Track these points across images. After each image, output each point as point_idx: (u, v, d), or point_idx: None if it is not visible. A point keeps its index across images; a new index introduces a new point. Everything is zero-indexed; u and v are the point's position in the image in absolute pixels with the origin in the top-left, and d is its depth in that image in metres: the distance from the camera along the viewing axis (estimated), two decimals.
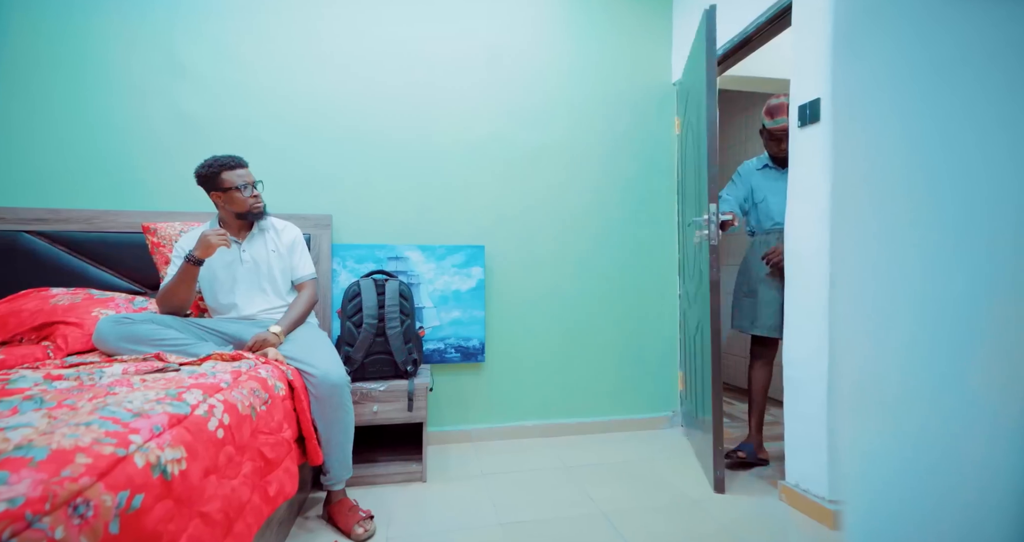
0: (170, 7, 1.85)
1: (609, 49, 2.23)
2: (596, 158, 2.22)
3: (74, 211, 1.73)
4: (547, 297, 2.16)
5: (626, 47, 2.25)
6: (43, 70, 1.77)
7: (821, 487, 1.37)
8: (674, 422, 2.24)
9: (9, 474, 0.57)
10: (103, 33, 1.81)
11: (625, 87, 2.24)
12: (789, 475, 1.48)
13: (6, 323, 1.39)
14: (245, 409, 1.03)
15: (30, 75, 1.76)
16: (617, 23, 2.24)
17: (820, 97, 1.37)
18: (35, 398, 0.88)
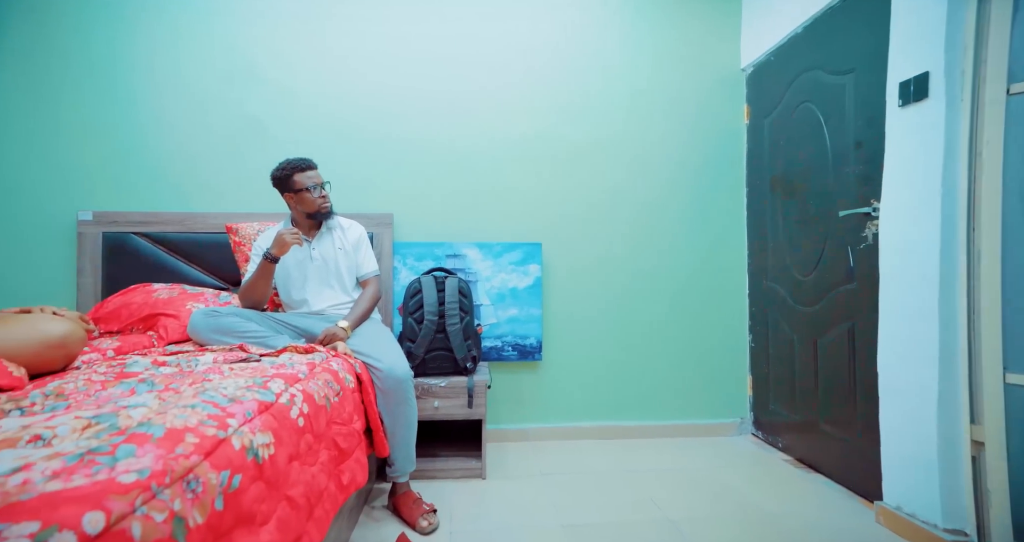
0: (241, 21, 1.98)
1: (669, 35, 2.12)
2: (657, 151, 2.13)
3: (170, 214, 1.91)
4: (606, 295, 2.10)
5: (688, 32, 2.13)
6: (142, 89, 1.95)
7: (932, 513, 1.21)
8: (742, 429, 2.11)
9: (136, 447, 0.62)
10: (185, 51, 1.97)
11: (687, 75, 2.13)
12: (888, 495, 1.33)
13: (119, 315, 1.56)
14: (321, 399, 1.08)
15: (135, 94, 1.95)
16: (678, 7, 2.13)
17: (929, 71, 1.22)
18: (147, 381, 0.97)
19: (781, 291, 1.89)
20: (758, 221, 2.06)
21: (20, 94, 1.90)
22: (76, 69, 1.93)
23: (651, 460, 1.82)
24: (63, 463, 0.58)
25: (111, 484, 0.53)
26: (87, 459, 0.59)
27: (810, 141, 1.72)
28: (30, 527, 0.44)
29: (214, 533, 0.64)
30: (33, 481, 0.54)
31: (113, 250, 1.86)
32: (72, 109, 1.92)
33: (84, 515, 0.47)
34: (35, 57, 1.91)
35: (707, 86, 2.14)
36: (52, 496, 0.49)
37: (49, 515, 0.46)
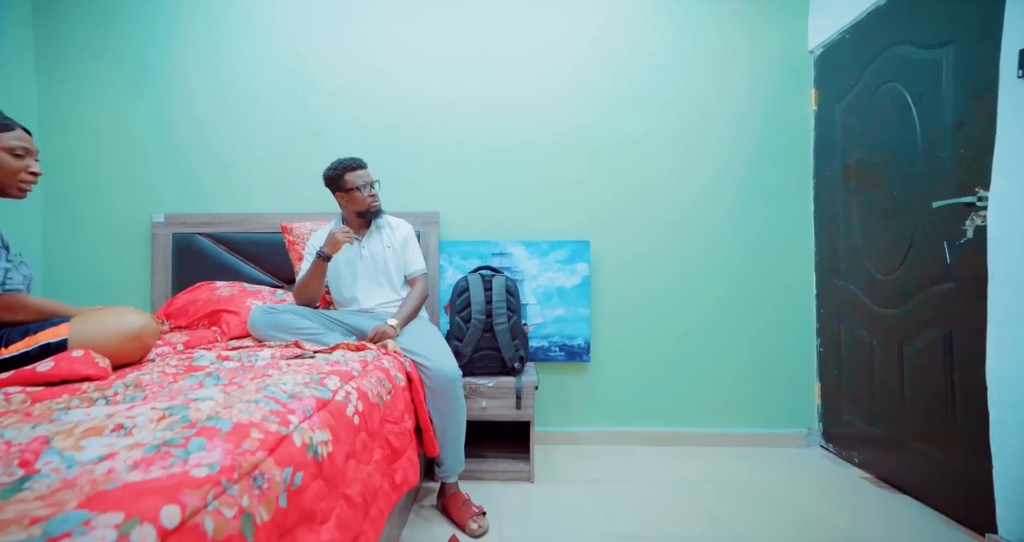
0: (296, 30, 2.04)
1: (726, 19, 2.00)
2: (712, 143, 2.01)
3: (230, 215, 2.00)
4: (658, 295, 2.00)
5: (747, 15, 2.00)
6: (207, 99, 2.06)
7: None
8: (810, 441, 1.95)
9: (206, 441, 0.62)
10: (249, 58, 2.06)
11: (745, 61, 2.00)
12: (1004, 527, 1.17)
13: (187, 311, 1.65)
14: (374, 397, 1.08)
15: (201, 103, 2.06)
16: None
17: None
18: (213, 374, 1.00)
19: (856, 291, 1.73)
20: (828, 215, 1.90)
21: (101, 107, 2.06)
22: (150, 82, 2.06)
23: (709, 470, 1.71)
24: (142, 454, 0.59)
25: (185, 477, 0.54)
26: (163, 451, 0.60)
27: (894, 125, 1.55)
28: (115, 518, 0.44)
29: (279, 530, 0.63)
30: (117, 470, 0.55)
31: (181, 250, 1.97)
32: (145, 119, 2.06)
33: (162, 508, 0.48)
34: (115, 75, 2.06)
35: (768, 72, 2.00)
36: (133, 487, 0.50)
37: (131, 507, 0.46)
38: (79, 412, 0.76)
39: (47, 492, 0.50)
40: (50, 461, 0.57)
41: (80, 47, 2.05)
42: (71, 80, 2.05)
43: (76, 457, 0.58)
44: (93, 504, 0.46)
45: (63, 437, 0.63)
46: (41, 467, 0.56)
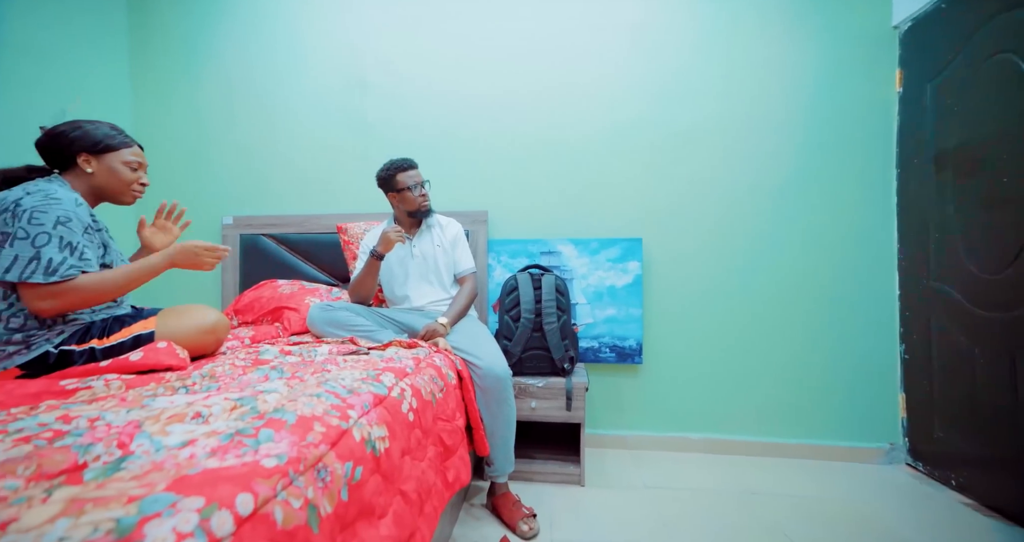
0: (355, 33, 2.12)
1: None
2: (775, 132, 1.87)
3: (291, 216, 2.11)
4: (716, 295, 1.89)
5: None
6: (272, 104, 2.19)
7: None
8: (893, 457, 1.76)
9: (274, 433, 0.65)
10: (308, 63, 2.15)
11: (816, 42, 1.84)
12: None
13: (252, 307, 1.75)
14: (427, 395, 1.09)
15: (266, 108, 2.19)
16: None
17: None
18: (277, 368, 1.05)
19: (953, 293, 1.54)
20: (915, 207, 1.70)
21: (183, 118, 2.24)
22: (223, 94, 2.21)
23: (775, 483, 1.59)
24: (218, 441, 0.62)
25: (256, 467, 0.55)
26: (236, 440, 0.62)
27: (1006, 102, 1.35)
28: (197, 503, 0.46)
29: (340, 523, 0.64)
30: (197, 456, 0.58)
31: (247, 250, 2.11)
32: (219, 128, 2.22)
33: (237, 496, 0.49)
34: (194, 88, 2.23)
35: (841, 53, 1.83)
36: (212, 473, 0.52)
37: (211, 492, 0.48)
38: (164, 399, 0.81)
39: (140, 473, 0.53)
40: (142, 444, 0.61)
41: (167, 65, 2.24)
42: (159, 94, 2.24)
43: (163, 441, 0.62)
44: (178, 487, 0.48)
45: (152, 422, 0.68)
46: (135, 449, 0.60)
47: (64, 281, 0.95)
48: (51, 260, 0.94)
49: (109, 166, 1.12)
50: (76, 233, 1.00)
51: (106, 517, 0.43)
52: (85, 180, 1.11)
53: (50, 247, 0.95)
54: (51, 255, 0.95)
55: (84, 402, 0.82)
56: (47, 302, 0.95)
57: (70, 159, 1.10)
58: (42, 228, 0.95)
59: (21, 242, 0.94)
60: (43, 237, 0.95)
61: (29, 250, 0.93)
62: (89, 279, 0.99)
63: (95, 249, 1.06)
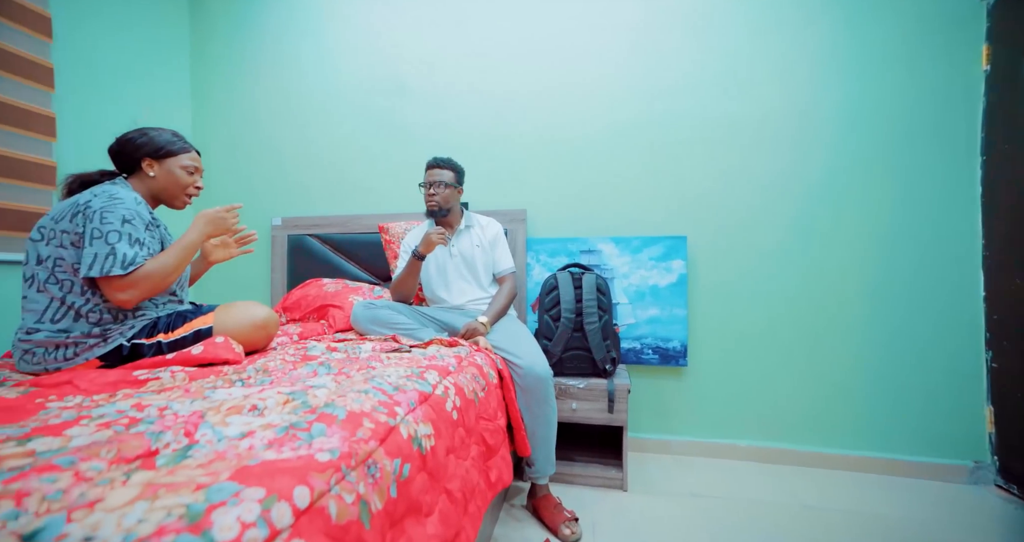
0: (393, 35, 2.16)
1: None
2: (837, 122, 1.74)
3: (334, 217, 2.18)
4: (768, 296, 1.79)
5: None
6: (317, 110, 2.27)
7: None
8: (979, 477, 1.59)
9: (326, 427, 0.66)
10: (350, 67, 2.22)
11: (884, 23, 1.70)
12: None
13: (299, 305, 1.82)
14: (470, 393, 1.08)
15: (311, 113, 2.28)
16: None
17: None
18: (325, 364, 1.08)
19: None
20: (1004, 198, 1.54)
21: (238, 123, 2.36)
22: (274, 100, 2.32)
23: (835, 499, 1.48)
24: (274, 434, 0.63)
25: (311, 461, 0.56)
26: (291, 433, 0.64)
27: None
28: (258, 493, 0.47)
29: (390, 519, 0.65)
30: (256, 448, 0.60)
31: (294, 250, 2.19)
32: (269, 133, 2.32)
33: (295, 488, 0.50)
34: (248, 95, 2.35)
35: (913, 31, 1.68)
36: (271, 465, 0.54)
37: (270, 484, 0.49)
38: (223, 391, 0.85)
39: (205, 461, 0.55)
40: (205, 433, 0.64)
41: (222, 76, 2.37)
42: (216, 103, 2.38)
43: (224, 432, 0.65)
44: (240, 477, 0.50)
45: (213, 413, 0.71)
46: (199, 438, 0.63)
47: (137, 270, 1.02)
48: (125, 255, 1.01)
49: (169, 170, 1.19)
50: (139, 229, 1.06)
51: (177, 503, 0.44)
52: (147, 183, 1.19)
53: (122, 243, 1.01)
54: (124, 250, 1.01)
55: (154, 392, 0.87)
56: (127, 293, 1.02)
57: (136, 163, 1.17)
58: (112, 226, 1.02)
59: (97, 241, 1.01)
60: (114, 235, 1.02)
61: (105, 248, 1.00)
62: (153, 264, 1.05)
63: (156, 244, 1.13)
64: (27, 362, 1.02)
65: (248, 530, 0.43)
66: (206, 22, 2.37)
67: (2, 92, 1.55)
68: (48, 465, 0.50)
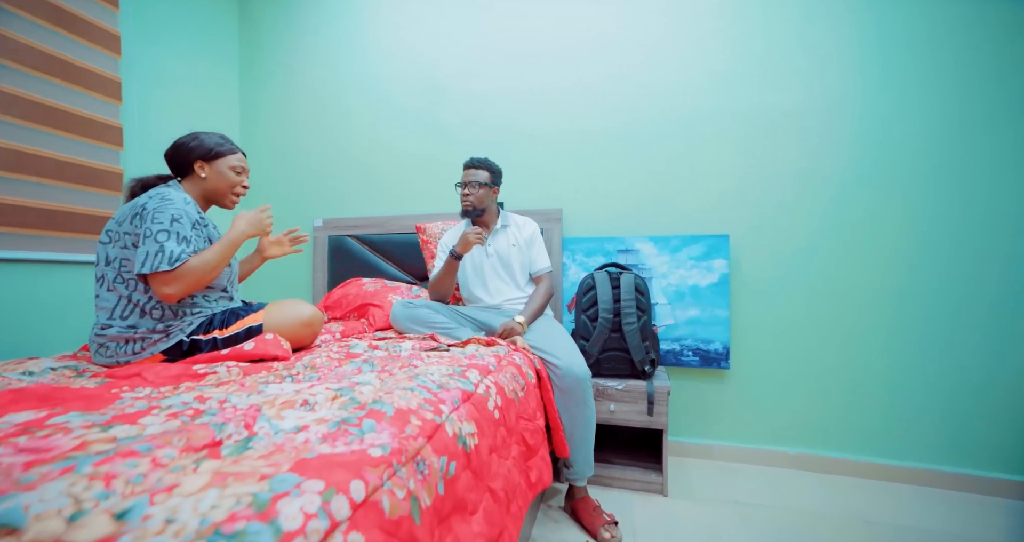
0: (431, 37, 2.19)
1: None
2: (895, 112, 1.64)
3: (373, 218, 2.24)
4: (817, 296, 1.70)
5: None
6: (358, 113, 2.34)
7: None
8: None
9: (376, 423, 0.67)
10: (388, 72, 2.27)
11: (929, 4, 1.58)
12: None
13: (340, 304, 1.88)
14: (510, 393, 1.08)
15: (352, 117, 2.35)
16: None
17: None
18: (368, 361, 1.11)
19: None
20: None
21: (281, 127, 2.47)
22: (315, 104, 2.40)
23: (895, 513, 1.39)
24: (327, 429, 0.65)
25: (364, 456, 0.58)
26: (343, 428, 0.66)
27: None
28: (318, 485, 0.48)
29: (437, 516, 0.65)
30: (311, 441, 0.62)
31: (334, 250, 2.27)
32: (308, 135, 2.41)
33: (351, 482, 0.51)
34: (292, 100, 2.45)
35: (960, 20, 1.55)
36: (327, 458, 0.55)
37: (328, 476, 0.51)
38: (275, 386, 0.88)
39: (266, 453, 0.57)
40: (263, 426, 0.66)
41: (267, 84, 2.48)
42: (262, 110, 2.49)
43: (280, 425, 0.67)
44: (300, 469, 0.51)
45: (268, 407, 0.74)
46: (258, 430, 0.65)
47: (181, 265, 1.07)
48: (172, 251, 1.06)
49: (218, 171, 1.25)
50: (186, 227, 1.12)
51: (245, 491, 0.46)
52: (199, 184, 1.25)
53: (170, 241, 1.07)
54: (171, 248, 1.07)
55: (212, 385, 0.92)
56: (172, 286, 1.07)
57: (188, 166, 1.24)
58: (162, 225, 1.08)
59: (148, 240, 1.07)
60: (163, 234, 1.08)
61: (154, 245, 1.06)
62: (196, 260, 1.10)
63: (203, 242, 1.18)
64: (101, 355, 1.10)
65: (311, 521, 0.44)
66: (254, 36, 2.49)
67: (77, 105, 1.68)
68: (129, 451, 0.53)
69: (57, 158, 1.62)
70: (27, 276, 1.55)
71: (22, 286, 1.54)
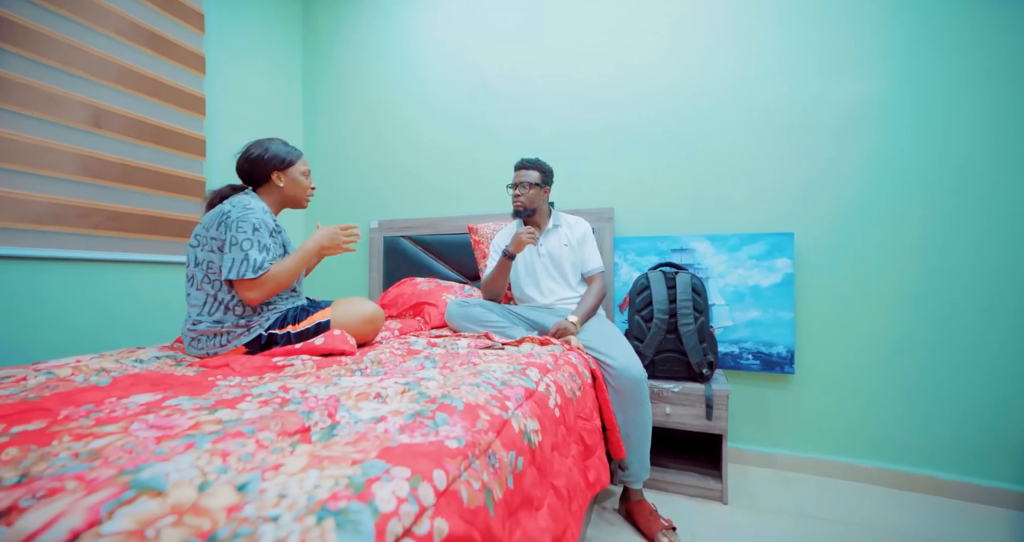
0: (478, 42, 2.23)
1: None
2: (974, 100, 1.48)
3: (424, 219, 2.31)
4: (892, 297, 1.58)
5: None
6: (410, 116, 2.42)
7: None
8: None
9: (448, 417, 0.70)
10: (438, 77, 2.33)
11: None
12: None
13: (396, 303, 1.95)
14: (568, 392, 1.09)
15: (404, 120, 2.44)
16: None
17: None
18: (430, 358, 1.15)
19: None
20: None
21: (340, 133, 2.60)
22: (373, 111, 2.51)
23: (980, 534, 1.26)
24: (404, 420, 0.69)
25: (442, 447, 0.60)
26: (418, 420, 0.69)
27: None
28: (405, 472, 0.51)
29: (508, 509, 0.67)
30: (391, 431, 0.65)
31: (389, 250, 2.36)
32: (363, 141, 2.52)
33: (434, 471, 0.54)
34: (349, 108, 2.58)
35: None
36: (409, 448, 0.58)
37: (413, 465, 0.53)
38: (347, 379, 0.94)
39: (352, 440, 0.61)
40: (344, 416, 0.71)
41: (327, 93, 2.63)
42: (323, 118, 2.64)
43: (358, 415, 0.71)
44: (386, 457, 0.55)
45: (346, 398, 0.79)
46: (339, 419, 0.70)
47: (264, 274, 1.17)
48: (255, 260, 1.16)
49: (293, 178, 1.34)
50: (265, 236, 1.21)
51: (342, 474, 0.50)
52: (277, 193, 1.34)
53: (253, 250, 1.17)
54: (255, 257, 1.16)
55: (292, 376, 0.99)
56: (255, 292, 1.17)
57: (266, 178, 1.33)
58: (245, 235, 1.18)
59: (234, 248, 1.17)
60: (248, 243, 1.17)
61: (240, 254, 1.16)
62: (276, 268, 1.20)
63: (279, 248, 1.28)
64: (194, 347, 1.21)
65: (403, 504, 0.47)
66: (315, 50, 2.64)
67: (166, 120, 1.86)
68: (237, 432, 0.59)
69: (153, 169, 1.81)
70: (128, 275, 1.74)
71: (123, 284, 1.73)
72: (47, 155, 1.50)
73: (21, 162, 1.44)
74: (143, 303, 1.78)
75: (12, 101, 1.42)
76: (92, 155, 1.62)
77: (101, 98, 1.65)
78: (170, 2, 1.87)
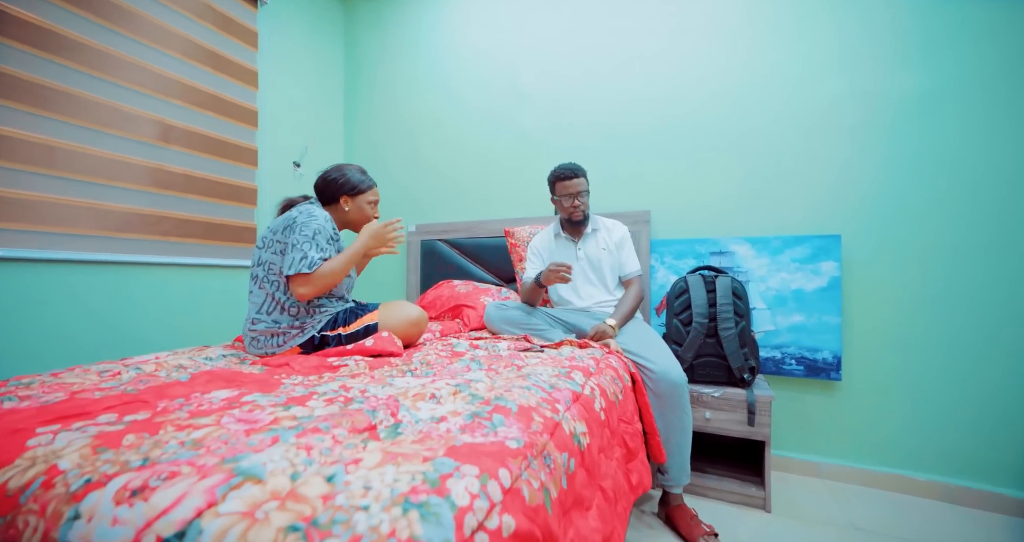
0: (514, 47, 2.27)
1: None
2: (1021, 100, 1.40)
3: (461, 223, 2.36)
4: (946, 304, 1.51)
5: None
6: (447, 120, 2.48)
7: None
8: None
9: (504, 418, 0.73)
10: (474, 83, 2.38)
11: None
12: None
13: (435, 304, 2.01)
14: (611, 395, 1.10)
15: (440, 125, 2.50)
16: None
17: None
18: (475, 360, 1.19)
19: None
20: None
21: (380, 141, 2.70)
22: (409, 120, 2.59)
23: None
24: (463, 421, 0.72)
25: (503, 447, 0.63)
26: (477, 421, 0.72)
27: None
28: (473, 470, 0.55)
29: (562, 508, 0.69)
30: (452, 431, 0.69)
31: (426, 254, 2.43)
32: (403, 147, 2.60)
33: (499, 469, 0.57)
34: (388, 117, 2.67)
35: None
36: (473, 447, 0.62)
37: (479, 463, 0.57)
38: (400, 380, 0.98)
39: (418, 438, 0.65)
40: (405, 415, 0.75)
41: (367, 103, 2.73)
42: (363, 127, 2.74)
43: (417, 415, 0.76)
44: (454, 455, 0.58)
45: (403, 398, 0.83)
46: (402, 418, 0.74)
47: (316, 269, 1.24)
48: (311, 257, 1.24)
49: (359, 206, 1.44)
50: (323, 241, 1.29)
51: (417, 470, 0.54)
52: (341, 214, 1.45)
53: (311, 250, 1.25)
54: (312, 255, 1.24)
55: (348, 376, 1.05)
56: (306, 287, 1.24)
57: (335, 199, 1.43)
58: (305, 237, 1.26)
59: (295, 248, 1.25)
60: (308, 244, 1.25)
61: (299, 253, 1.24)
62: (327, 266, 1.27)
63: (333, 252, 1.35)
64: (254, 346, 1.29)
65: (476, 500, 0.51)
66: (355, 62, 2.74)
67: (222, 132, 1.98)
68: (314, 428, 0.64)
69: (211, 179, 1.93)
70: (192, 278, 1.87)
71: (189, 286, 1.85)
72: (123, 169, 1.64)
73: (102, 176, 1.58)
74: (205, 304, 1.91)
75: (92, 119, 1.56)
76: (160, 167, 1.75)
77: (167, 114, 1.78)
78: (230, 23, 2.00)
